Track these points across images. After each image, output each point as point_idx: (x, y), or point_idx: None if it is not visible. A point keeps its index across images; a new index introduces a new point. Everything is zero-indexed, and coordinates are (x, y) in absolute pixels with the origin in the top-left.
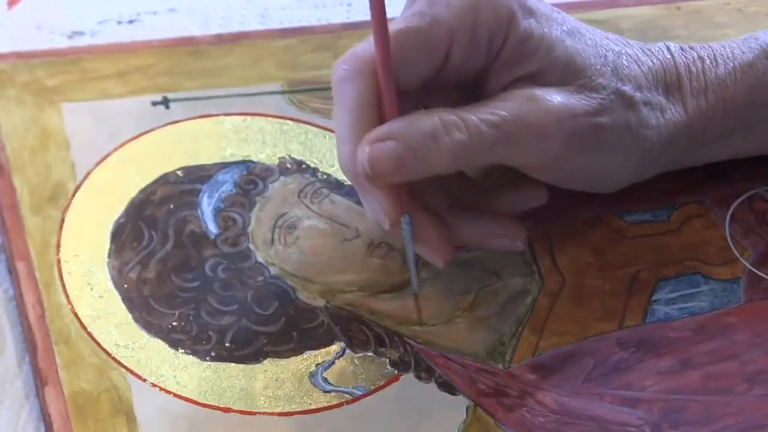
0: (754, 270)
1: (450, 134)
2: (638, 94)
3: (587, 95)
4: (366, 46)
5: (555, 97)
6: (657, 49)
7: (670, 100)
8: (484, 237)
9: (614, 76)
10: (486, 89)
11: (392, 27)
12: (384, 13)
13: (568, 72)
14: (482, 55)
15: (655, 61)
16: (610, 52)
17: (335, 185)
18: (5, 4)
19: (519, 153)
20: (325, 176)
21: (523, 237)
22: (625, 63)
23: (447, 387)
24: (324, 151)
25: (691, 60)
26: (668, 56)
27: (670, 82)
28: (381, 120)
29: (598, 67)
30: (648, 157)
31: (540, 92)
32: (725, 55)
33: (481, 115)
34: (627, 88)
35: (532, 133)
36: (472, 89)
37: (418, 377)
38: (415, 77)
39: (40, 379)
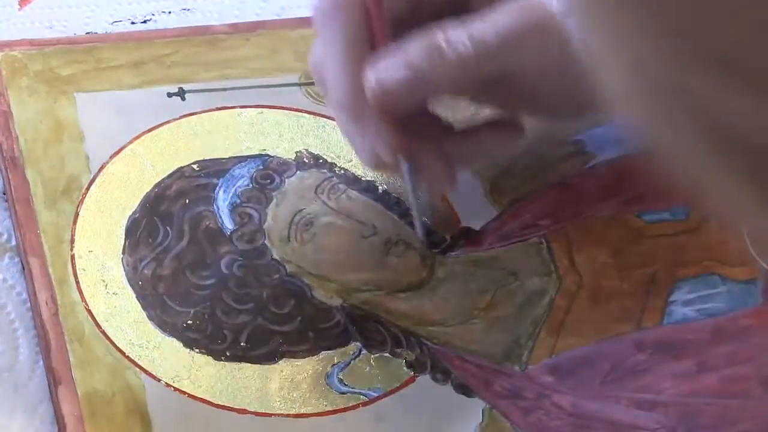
0: None
1: (454, 47)
2: None
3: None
4: None
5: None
6: None
7: None
8: (480, 148)
9: None
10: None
11: None
12: None
13: None
14: None
15: None
16: None
17: (353, 181)
18: (16, 4)
19: (521, 57)
20: (342, 171)
21: (518, 131)
22: None
23: (463, 389)
24: (341, 145)
25: None
26: None
27: None
28: (374, 51)
29: None
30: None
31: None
32: None
33: (481, 26)
34: None
35: (534, 34)
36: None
37: (435, 379)
38: (401, 2)
39: (53, 379)
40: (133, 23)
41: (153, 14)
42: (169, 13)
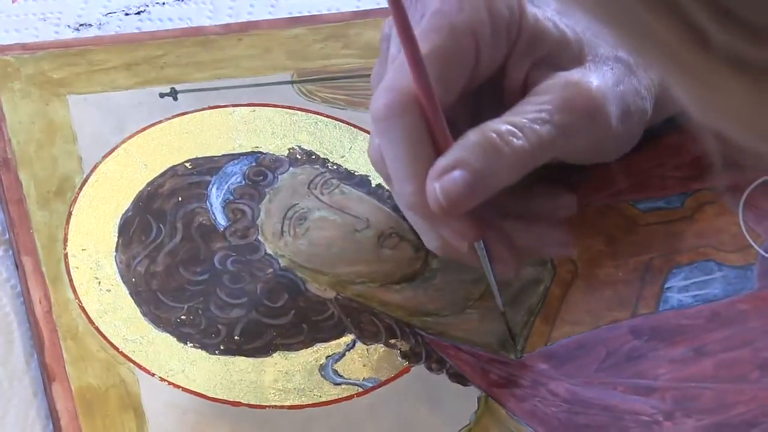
0: None
1: (509, 144)
2: (630, 58)
3: (603, 68)
4: (399, 78)
5: (590, 77)
6: None
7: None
8: (539, 245)
9: (606, 45)
10: (507, 82)
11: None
12: (417, 44)
13: (579, 47)
14: (503, 47)
15: None
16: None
17: (345, 176)
18: None
19: (573, 141)
20: (335, 166)
21: (573, 242)
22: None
23: (458, 378)
24: (334, 141)
25: None
26: None
27: None
28: (434, 149)
29: (592, 38)
30: (645, 118)
31: (574, 75)
32: None
33: (529, 116)
34: (621, 54)
35: (583, 118)
36: (491, 89)
37: (430, 368)
38: (452, 94)
39: (47, 375)
40: (127, 14)
41: (147, 5)
42: (163, 4)
